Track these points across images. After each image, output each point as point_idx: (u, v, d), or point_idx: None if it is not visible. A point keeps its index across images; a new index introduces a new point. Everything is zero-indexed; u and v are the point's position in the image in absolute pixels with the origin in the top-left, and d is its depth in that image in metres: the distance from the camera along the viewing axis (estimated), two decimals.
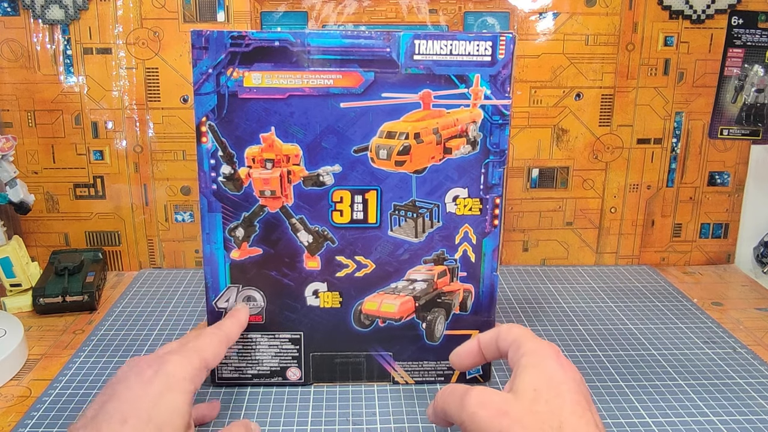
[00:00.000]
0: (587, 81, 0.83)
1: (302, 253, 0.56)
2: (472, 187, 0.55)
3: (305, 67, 0.52)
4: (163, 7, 0.79)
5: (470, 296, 0.58)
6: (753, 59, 0.83)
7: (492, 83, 0.53)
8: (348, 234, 0.56)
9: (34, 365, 0.64)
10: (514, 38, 0.53)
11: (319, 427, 0.54)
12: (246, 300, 0.57)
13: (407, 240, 0.56)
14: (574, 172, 0.86)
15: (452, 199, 0.56)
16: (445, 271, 0.57)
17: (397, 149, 0.54)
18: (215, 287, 0.57)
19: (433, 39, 0.52)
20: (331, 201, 0.55)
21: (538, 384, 0.42)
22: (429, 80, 0.52)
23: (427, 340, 0.59)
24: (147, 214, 0.85)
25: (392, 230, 0.56)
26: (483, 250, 0.57)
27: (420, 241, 0.56)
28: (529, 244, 0.89)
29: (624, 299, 0.78)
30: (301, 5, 0.79)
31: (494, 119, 0.54)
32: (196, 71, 0.52)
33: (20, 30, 0.78)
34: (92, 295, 0.75)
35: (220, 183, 0.54)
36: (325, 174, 0.54)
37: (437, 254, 0.57)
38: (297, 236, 0.56)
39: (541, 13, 0.81)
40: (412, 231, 0.56)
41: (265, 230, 0.55)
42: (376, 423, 0.54)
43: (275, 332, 0.58)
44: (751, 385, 0.60)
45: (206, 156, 0.54)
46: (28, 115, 0.81)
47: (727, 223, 0.90)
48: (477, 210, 0.56)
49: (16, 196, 0.74)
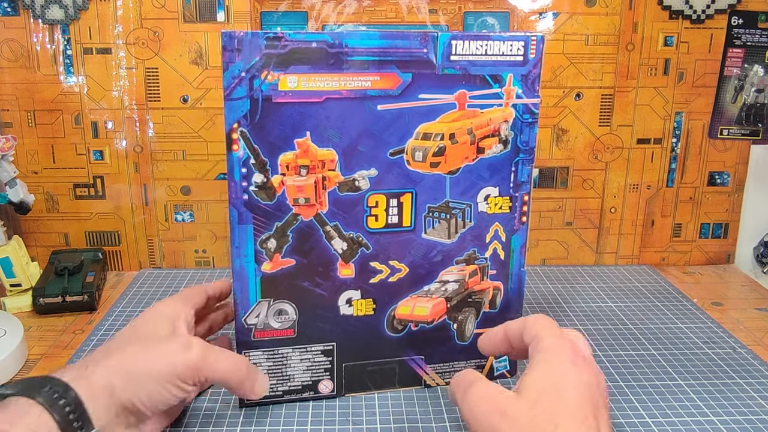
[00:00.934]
0: (587, 81, 0.83)
1: (336, 261, 0.54)
2: (502, 186, 0.56)
3: (343, 69, 0.50)
4: (163, 7, 0.79)
5: (499, 293, 0.59)
6: (753, 59, 0.83)
7: (523, 82, 0.54)
8: (382, 239, 0.55)
9: (34, 365, 0.64)
10: (543, 38, 0.53)
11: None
12: (277, 314, 0.54)
13: (440, 242, 0.56)
14: (574, 172, 0.86)
15: (484, 198, 0.56)
16: (476, 270, 0.58)
17: (432, 150, 0.53)
18: (245, 303, 0.54)
19: (470, 39, 0.52)
20: (366, 206, 0.54)
21: (543, 385, 0.42)
22: (464, 80, 0.53)
23: (458, 340, 0.59)
24: (147, 214, 0.85)
25: (426, 233, 0.56)
26: (512, 247, 0.58)
27: (452, 242, 0.56)
28: (529, 244, 0.89)
29: (624, 299, 0.78)
30: (301, 5, 0.79)
31: (524, 117, 0.55)
32: (228, 75, 0.48)
33: (20, 30, 0.78)
34: (92, 295, 0.75)
35: (251, 192, 0.51)
36: (361, 179, 0.53)
37: (468, 254, 0.57)
38: (331, 244, 0.54)
39: (541, 13, 0.81)
40: (445, 232, 0.56)
41: (298, 240, 0.53)
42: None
43: (307, 345, 0.56)
44: (751, 385, 0.60)
45: (237, 164, 0.50)
46: (28, 115, 0.81)
47: (727, 223, 0.90)
48: (507, 208, 0.57)
49: (16, 196, 0.74)
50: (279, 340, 0.55)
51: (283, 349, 0.56)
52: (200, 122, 0.82)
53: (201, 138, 0.83)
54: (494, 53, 0.53)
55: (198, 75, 0.81)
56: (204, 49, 0.80)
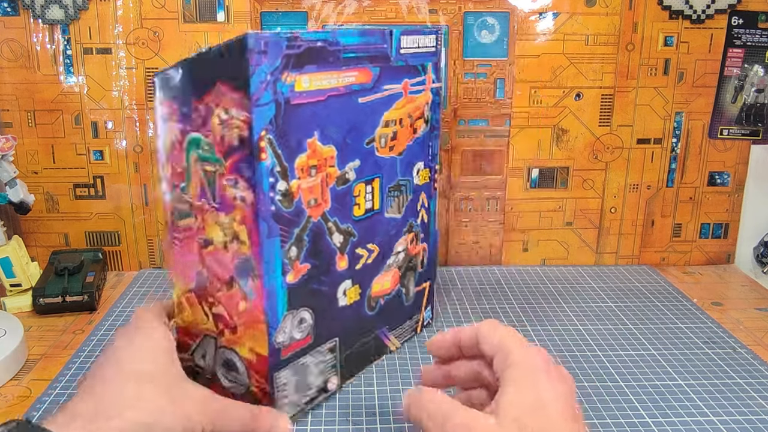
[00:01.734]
0: (587, 81, 0.83)
1: (335, 255, 0.55)
2: (425, 159, 0.64)
3: (340, 66, 0.51)
4: (163, 7, 0.79)
5: (425, 253, 0.67)
6: (753, 59, 0.83)
7: (435, 69, 0.62)
8: (362, 225, 0.57)
9: (34, 365, 0.64)
10: (447, 31, 0.63)
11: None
12: (299, 323, 0.52)
13: (395, 217, 0.61)
14: (574, 172, 0.86)
15: (417, 172, 0.63)
16: (414, 237, 0.64)
17: (389, 135, 0.58)
18: (275, 322, 0.49)
19: (410, 34, 0.58)
20: (353, 195, 0.56)
21: (523, 405, 0.40)
22: (407, 71, 0.59)
23: (405, 302, 0.66)
24: (147, 214, 0.85)
25: (387, 212, 0.60)
26: (431, 210, 0.67)
27: (401, 216, 0.62)
28: (529, 244, 0.89)
29: (624, 299, 0.78)
30: (301, 5, 0.79)
31: (435, 99, 0.63)
32: (256, 79, 0.45)
33: (20, 30, 0.78)
34: (92, 295, 0.75)
35: (277, 202, 0.48)
36: (350, 170, 0.55)
37: (409, 223, 0.63)
38: (332, 239, 0.54)
39: (541, 13, 0.81)
40: (397, 208, 0.61)
41: (312, 242, 0.52)
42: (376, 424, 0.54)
43: (319, 347, 0.55)
44: (751, 385, 0.60)
45: (266, 174, 0.46)
46: (28, 115, 0.81)
47: (727, 223, 0.90)
48: (427, 177, 0.65)
49: (16, 196, 0.74)
50: (301, 350, 0.53)
51: (303, 359, 0.53)
52: None
53: None
54: (423, 45, 0.60)
55: None
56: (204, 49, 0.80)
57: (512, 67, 0.82)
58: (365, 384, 0.60)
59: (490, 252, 0.89)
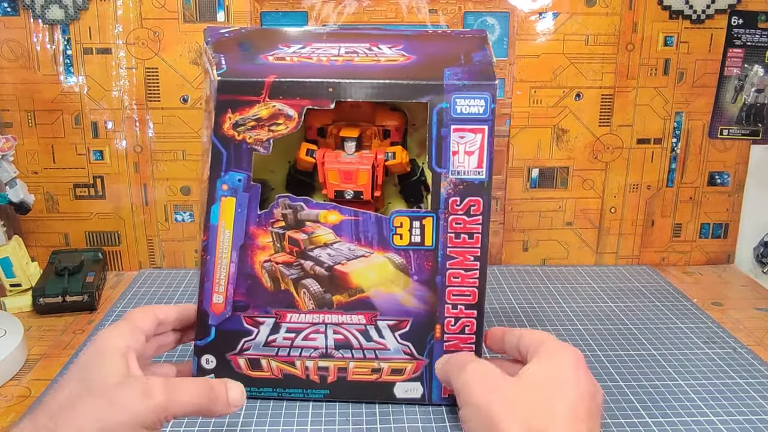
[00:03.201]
0: (587, 81, 0.83)
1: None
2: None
3: None
4: (163, 7, 0.79)
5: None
6: (753, 59, 0.83)
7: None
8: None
9: (34, 365, 0.64)
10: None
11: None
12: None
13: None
14: (574, 172, 0.86)
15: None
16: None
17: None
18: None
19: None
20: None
21: (544, 377, 0.41)
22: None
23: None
24: (147, 214, 0.85)
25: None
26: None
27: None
28: (529, 244, 0.89)
29: (624, 299, 0.78)
30: (301, 5, 0.79)
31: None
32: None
33: (20, 30, 0.78)
34: (92, 295, 0.75)
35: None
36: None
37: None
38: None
39: (541, 13, 0.81)
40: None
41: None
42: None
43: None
44: (751, 385, 0.60)
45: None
46: (28, 115, 0.81)
47: (727, 223, 0.90)
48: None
49: (16, 196, 0.74)
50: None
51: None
52: (200, 122, 0.82)
53: (201, 138, 0.82)
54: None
55: (198, 75, 0.81)
56: (204, 49, 0.80)
57: (512, 67, 0.82)
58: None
59: (490, 252, 0.89)
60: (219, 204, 0.53)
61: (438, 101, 0.51)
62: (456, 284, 0.53)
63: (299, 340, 0.55)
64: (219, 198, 0.53)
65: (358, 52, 0.55)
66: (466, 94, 0.51)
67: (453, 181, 0.52)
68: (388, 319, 0.54)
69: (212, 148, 0.52)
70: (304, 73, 0.52)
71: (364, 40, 0.57)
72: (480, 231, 0.52)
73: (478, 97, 0.51)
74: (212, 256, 0.53)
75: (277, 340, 0.55)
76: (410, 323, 0.54)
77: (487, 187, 0.52)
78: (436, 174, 0.52)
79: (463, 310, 0.53)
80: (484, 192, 0.52)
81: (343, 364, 0.55)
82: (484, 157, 0.51)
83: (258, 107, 0.51)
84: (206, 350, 0.54)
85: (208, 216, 0.53)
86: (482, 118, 0.51)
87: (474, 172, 0.52)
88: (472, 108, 0.51)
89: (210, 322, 0.54)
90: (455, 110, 0.51)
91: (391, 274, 0.53)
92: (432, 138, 0.51)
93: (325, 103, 0.51)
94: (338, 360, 0.55)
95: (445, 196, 0.52)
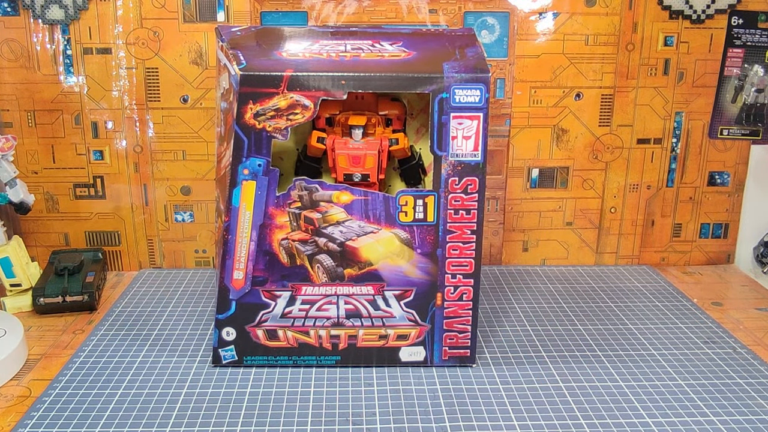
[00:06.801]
0: (587, 81, 0.83)
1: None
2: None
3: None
4: (163, 7, 0.79)
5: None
6: (753, 59, 0.83)
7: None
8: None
9: (34, 365, 0.64)
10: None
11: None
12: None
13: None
14: (574, 172, 0.86)
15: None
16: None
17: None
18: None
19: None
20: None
21: None
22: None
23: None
24: (147, 214, 0.85)
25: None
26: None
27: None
28: (529, 244, 0.89)
29: (624, 299, 0.78)
30: (301, 5, 0.79)
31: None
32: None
33: (20, 30, 0.78)
34: (92, 295, 0.75)
35: None
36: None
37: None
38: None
39: (541, 13, 0.81)
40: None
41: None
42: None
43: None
44: (751, 385, 0.60)
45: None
46: (28, 115, 0.81)
47: (727, 223, 0.90)
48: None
49: (16, 196, 0.74)
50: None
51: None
52: (200, 122, 0.82)
53: (201, 138, 0.83)
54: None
55: (198, 75, 0.81)
56: (204, 49, 0.80)
57: (512, 67, 0.82)
58: (365, 384, 0.60)
59: (490, 252, 0.89)
60: (240, 187, 0.57)
61: (439, 92, 0.56)
62: (455, 256, 0.58)
63: (313, 311, 0.60)
64: (240, 182, 0.57)
65: (363, 49, 0.60)
66: (464, 86, 0.56)
67: (452, 163, 0.57)
68: (394, 289, 0.59)
69: (234, 136, 0.56)
70: (317, 67, 0.56)
71: (366, 37, 0.62)
72: (476, 207, 0.58)
73: (475, 88, 0.56)
74: (233, 236, 0.58)
75: (293, 311, 0.60)
76: (414, 292, 0.59)
77: (483, 167, 0.58)
78: (438, 157, 0.57)
79: (461, 279, 0.59)
80: (479, 172, 0.58)
81: (353, 332, 0.60)
82: (479, 141, 0.57)
83: (277, 98, 0.55)
84: (227, 323, 0.60)
85: (230, 198, 0.57)
86: (478, 106, 0.56)
87: (471, 155, 0.57)
88: (469, 98, 0.56)
89: (231, 296, 0.59)
90: (454, 99, 0.56)
91: (397, 248, 0.58)
92: (434, 125, 0.56)
93: (338, 95, 0.56)
94: (349, 328, 0.60)
95: (445, 177, 0.57)
